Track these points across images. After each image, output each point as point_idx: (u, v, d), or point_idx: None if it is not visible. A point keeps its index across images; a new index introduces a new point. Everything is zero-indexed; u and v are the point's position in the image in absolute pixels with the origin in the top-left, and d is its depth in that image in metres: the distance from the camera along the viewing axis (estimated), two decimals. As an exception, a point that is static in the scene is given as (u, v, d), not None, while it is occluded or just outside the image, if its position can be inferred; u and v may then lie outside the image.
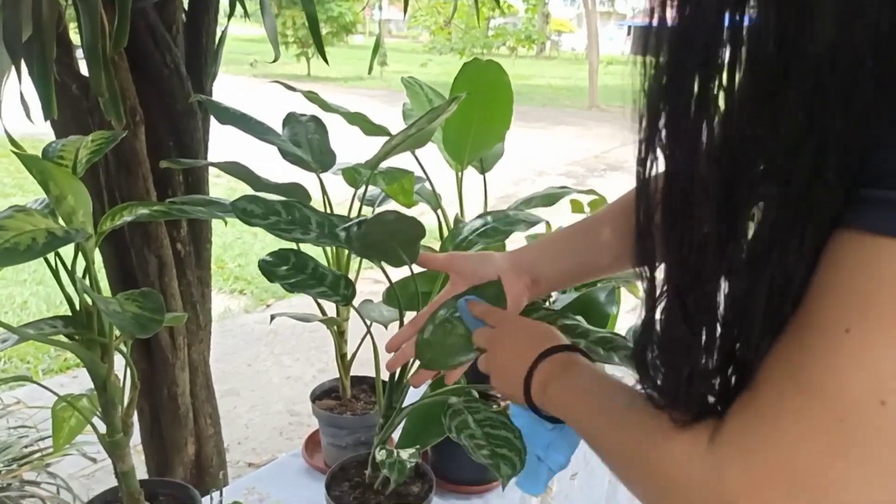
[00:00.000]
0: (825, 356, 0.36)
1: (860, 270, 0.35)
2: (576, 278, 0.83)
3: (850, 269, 0.36)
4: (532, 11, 20.75)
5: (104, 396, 0.78)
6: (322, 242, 0.82)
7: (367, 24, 21.90)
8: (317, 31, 1.15)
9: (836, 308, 0.36)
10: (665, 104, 0.41)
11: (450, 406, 0.79)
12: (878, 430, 0.35)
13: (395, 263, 0.82)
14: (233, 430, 2.70)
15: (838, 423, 0.35)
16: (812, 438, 0.36)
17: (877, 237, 0.34)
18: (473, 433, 0.74)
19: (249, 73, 15.52)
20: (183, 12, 1.30)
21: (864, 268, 0.35)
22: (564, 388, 0.61)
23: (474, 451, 0.72)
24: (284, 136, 1.14)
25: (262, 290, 4.19)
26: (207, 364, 1.53)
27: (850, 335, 0.35)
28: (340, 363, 1.21)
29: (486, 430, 0.75)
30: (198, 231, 1.43)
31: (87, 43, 0.81)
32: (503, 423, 0.75)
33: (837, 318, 0.36)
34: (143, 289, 0.72)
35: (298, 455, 1.24)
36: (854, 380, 0.35)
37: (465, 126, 1.15)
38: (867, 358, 0.35)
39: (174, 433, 1.47)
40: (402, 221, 0.73)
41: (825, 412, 0.36)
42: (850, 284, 0.36)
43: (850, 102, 0.35)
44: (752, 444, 0.38)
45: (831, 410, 0.36)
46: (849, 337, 0.35)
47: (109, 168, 1.22)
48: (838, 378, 0.35)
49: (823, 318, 0.36)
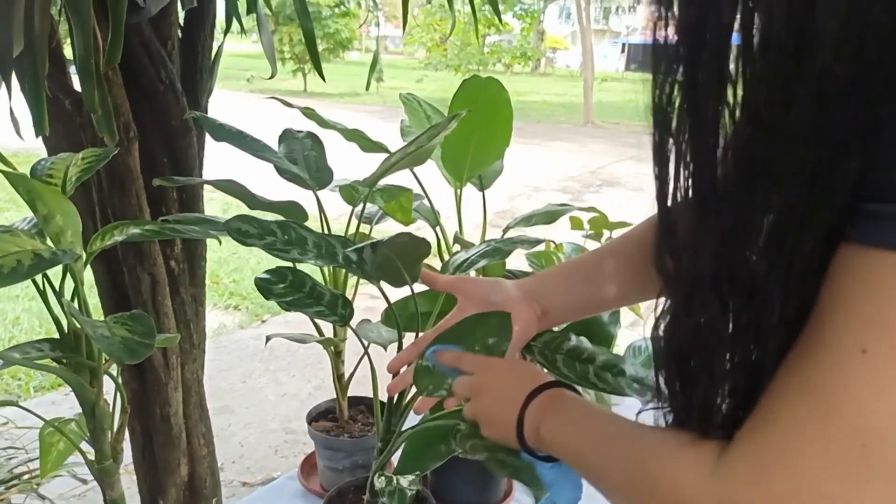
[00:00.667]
0: (842, 378, 0.35)
1: (874, 288, 0.34)
2: (586, 310, 0.82)
3: (864, 286, 0.34)
4: (527, 30, 20.92)
5: (93, 422, 0.76)
6: (320, 263, 0.80)
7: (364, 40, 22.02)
8: (314, 48, 1.13)
9: (851, 328, 0.35)
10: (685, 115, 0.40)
11: (458, 430, 0.76)
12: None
13: (396, 284, 0.81)
14: (227, 448, 2.66)
15: (860, 449, 0.34)
16: (832, 464, 0.35)
17: (888, 253, 0.33)
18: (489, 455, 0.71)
19: (246, 88, 15.58)
20: (178, 28, 1.29)
21: (878, 285, 0.34)
22: (558, 425, 0.59)
23: (498, 469, 0.69)
24: (281, 152, 1.12)
25: (258, 306, 4.15)
26: (201, 383, 1.51)
27: (867, 356, 0.34)
28: (337, 384, 1.18)
29: (500, 457, 0.73)
30: (192, 248, 1.41)
31: (80, 58, 0.79)
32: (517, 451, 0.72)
33: (852, 338, 0.35)
34: (133, 311, 0.70)
35: (294, 477, 1.22)
36: (875, 403, 0.34)
37: (464, 143, 1.13)
38: (887, 380, 0.34)
39: (167, 454, 1.43)
40: (413, 243, 0.71)
41: (845, 437, 0.35)
42: (863, 303, 0.34)
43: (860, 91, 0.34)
44: (766, 466, 0.37)
45: (852, 435, 0.35)
46: (866, 358, 0.34)
47: (102, 185, 1.20)
48: (857, 401, 0.34)
49: (838, 339, 0.35)
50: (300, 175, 1.08)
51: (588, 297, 0.77)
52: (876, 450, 0.34)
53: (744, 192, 0.38)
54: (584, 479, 0.57)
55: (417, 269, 0.77)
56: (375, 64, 1.48)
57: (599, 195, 7.39)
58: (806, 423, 0.36)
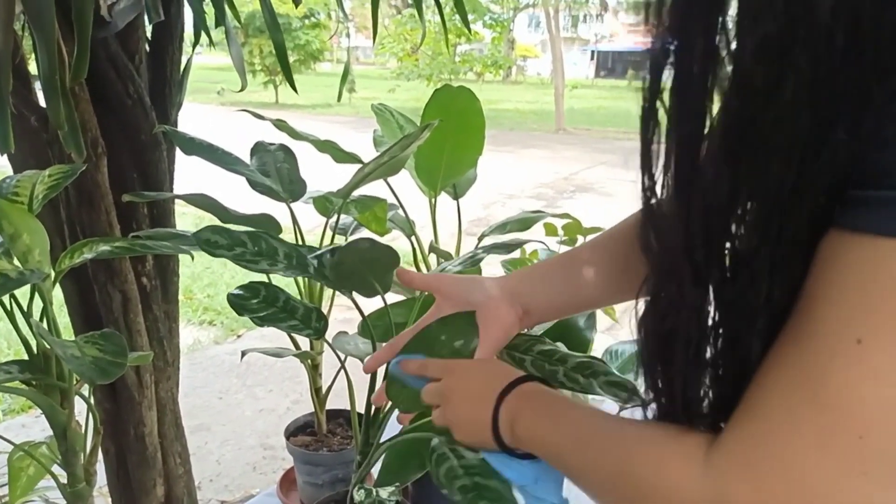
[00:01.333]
0: (838, 369, 0.34)
1: (867, 276, 0.33)
2: (569, 309, 0.80)
3: (858, 275, 0.34)
4: (498, 39, 21.07)
5: (64, 444, 0.74)
6: (291, 273, 0.79)
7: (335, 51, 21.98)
8: (285, 60, 1.13)
9: (846, 318, 0.34)
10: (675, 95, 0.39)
11: (434, 450, 0.75)
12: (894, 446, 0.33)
13: (367, 294, 0.80)
14: (204, 466, 2.61)
15: (857, 441, 0.34)
16: (829, 456, 0.34)
17: (883, 240, 0.33)
18: (465, 484, 0.70)
19: (217, 101, 15.46)
20: (146, 42, 1.27)
21: (870, 273, 0.33)
22: (535, 420, 0.57)
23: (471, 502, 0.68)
24: (253, 165, 1.11)
25: (233, 321, 4.10)
26: (176, 401, 1.48)
27: (862, 346, 0.33)
28: (315, 398, 1.17)
29: (477, 480, 0.71)
30: (164, 264, 1.39)
31: (45, 74, 0.78)
32: (493, 472, 0.71)
33: (847, 328, 0.34)
34: (104, 330, 0.69)
35: (273, 494, 1.20)
36: (872, 395, 0.33)
37: (437, 152, 1.14)
38: (884, 371, 0.33)
39: (142, 475, 1.41)
40: (376, 249, 0.71)
41: (842, 429, 0.34)
42: (858, 292, 0.34)
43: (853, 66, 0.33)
44: (760, 459, 0.36)
45: (849, 427, 0.34)
46: (862, 349, 0.33)
47: (70, 202, 1.18)
48: (855, 392, 0.34)
49: (832, 329, 0.35)
50: (273, 187, 1.07)
51: (570, 295, 0.74)
52: (873, 442, 0.33)
53: (731, 167, 0.38)
54: (566, 476, 0.55)
55: (389, 277, 0.77)
56: (347, 75, 1.48)
57: (574, 200, 7.45)
58: (800, 415, 0.35)
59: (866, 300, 0.33)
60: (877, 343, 0.33)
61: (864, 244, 0.34)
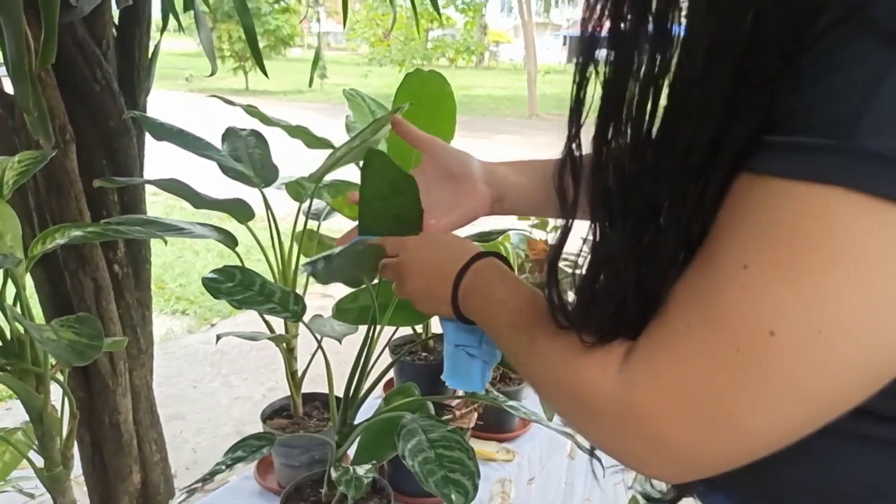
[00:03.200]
0: (726, 290, 0.38)
1: (759, 211, 0.37)
2: (539, 208, 0.82)
3: (751, 209, 0.38)
4: (470, 24, 20.98)
5: (41, 429, 0.74)
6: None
7: (305, 36, 21.71)
8: (255, 45, 1.13)
9: (737, 246, 0.38)
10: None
11: (403, 426, 0.77)
12: (769, 360, 0.37)
13: (353, 285, 0.81)
14: (180, 454, 2.61)
15: (735, 353, 0.37)
16: (713, 367, 0.38)
17: (776, 180, 0.36)
18: (427, 456, 0.73)
19: (185, 87, 15.19)
20: (113, 27, 1.26)
21: (763, 208, 0.37)
22: (482, 298, 0.61)
23: (425, 479, 0.71)
24: (224, 151, 1.11)
25: (206, 310, 4.08)
26: (150, 388, 1.48)
27: (747, 271, 0.37)
28: (291, 381, 1.18)
29: (440, 452, 0.74)
30: (136, 251, 1.38)
31: (12, 59, 0.77)
32: (458, 442, 0.74)
33: (737, 255, 0.38)
34: (79, 314, 0.69)
35: (251, 477, 1.21)
36: (749, 312, 0.37)
37: (408, 136, 1.14)
38: (760, 292, 0.37)
39: (118, 462, 1.41)
40: (368, 250, 0.72)
41: (724, 342, 0.38)
42: (749, 224, 0.38)
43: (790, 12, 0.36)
44: (660, 367, 0.41)
45: (730, 341, 0.38)
46: (746, 272, 0.37)
47: (39, 189, 1.17)
48: (736, 310, 0.38)
49: (724, 255, 0.39)
50: (245, 173, 1.07)
51: (542, 197, 0.77)
52: (748, 355, 0.37)
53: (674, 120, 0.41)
54: (505, 355, 0.59)
55: (374, 272, 0.77)
56: (318, 60, 1.48)
57: (546, 186, 7.49)
58: (692, 330, 0.39)
59: (757, 231, 0.37)
60: (759, 268, 0.37)
61: (760, 183, 0.37)
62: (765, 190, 0.37)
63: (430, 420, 0.80)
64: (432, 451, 0.74)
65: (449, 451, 0.73)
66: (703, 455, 0.41)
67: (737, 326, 0.37)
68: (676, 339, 0.40)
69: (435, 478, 0.71)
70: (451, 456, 0.73)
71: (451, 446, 0.73)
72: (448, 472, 0.71)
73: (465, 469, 0.71)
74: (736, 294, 0.38)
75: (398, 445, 0.75)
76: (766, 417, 0.38)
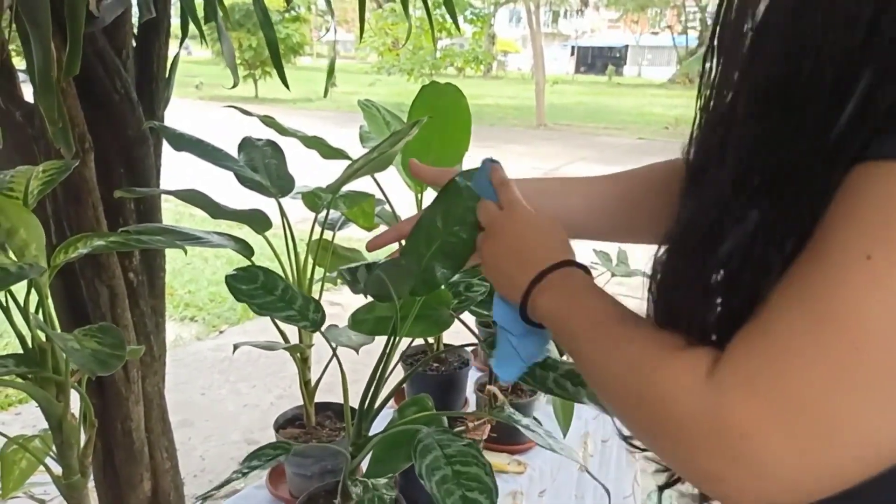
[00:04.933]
0: (843, 283, 0.35)
1: (881, 197, 0.35)
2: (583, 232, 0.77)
3: (871, 196, 0.35)
4: (479, 34, 21.06)
5: (60, 436, 0.75)
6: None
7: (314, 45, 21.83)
8: (277, 57, 1.14)
9: (857, 236, 0.35)
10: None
11: (420, 440, 0.77)
12: (890, 356, 0.33)
13: (381, 300, 0.81)
14: (188, 462, 2.61)
15: (851, 350, 0.34)
16: (820, 365, 0.35)
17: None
18: (445, 475, 0.72)
19: (195, 95, 15.29)
20: (133, 37, 1.27)
21: (886, 195, 0.34)
22: (559, 298, 0.56)
23: (442, 501, 0.70)
24: (241, 161, 1.12)
25: (215, 317, 4.08)
26: (162, 396, 1.48)
27: (871, 262, 0.34)
28: (304, 390, 1.18)
29: (457, 469, 0.73)
30: (151, 259, 1.39)
31: (39, 70, 0.78)
32: (475, 457, 0.73)
33: (858, 245, 0.35)
34: (101, 324, 0.70)
35: (263, 486, 1.21)
36: (874, 305, 0.34)
37: (424, 149, 1.15)
38: (888, 283, 0.34)
39: (129, 469, 1.41)
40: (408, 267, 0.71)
41: (838, 338, 0.34)
42: (872, 211, 0.35)
43: None
44: (755, 371, 0.37)
45: (845, 336, 0.34)
46: (870, 263, 0.34)
47: (57, 198, 1.18)
48: (856, 304, 0.34)
49: (842, 247, 0.36)
50: (262, 183, 1.08)
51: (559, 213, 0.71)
52: (868, 351, 0.34)
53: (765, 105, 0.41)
54: (577, 366, 0.54)
55: (405, 288, 0.77)
56: (332, 71, 1.49)
57: (554, 196, 7.49)
58: (798, 327, 0.36)
59: (879, 218, 0.34)
60: (885, 258, 0.34)
61: (879, 168, 0.35)
62: (888, 175, 0.35)
63: (445, 434, 0.80)
64: (449, 467, 0.73)
65: (466, 466, 0.73)
66: (794, 472, 0.36)
67: (856, 320, 0.34)
68: (777, 343, 0.37)
69: (453, 498, 0.69)
70: (468, 472, 0.72)
71: (468, 461, 0.73)
72: (466, 490, 0.70)
73: (482, 487, 0.70)
74: (856, 286, 0.34)
75: (415, 462, 0.75)
76: (874, 426, 0.34)
